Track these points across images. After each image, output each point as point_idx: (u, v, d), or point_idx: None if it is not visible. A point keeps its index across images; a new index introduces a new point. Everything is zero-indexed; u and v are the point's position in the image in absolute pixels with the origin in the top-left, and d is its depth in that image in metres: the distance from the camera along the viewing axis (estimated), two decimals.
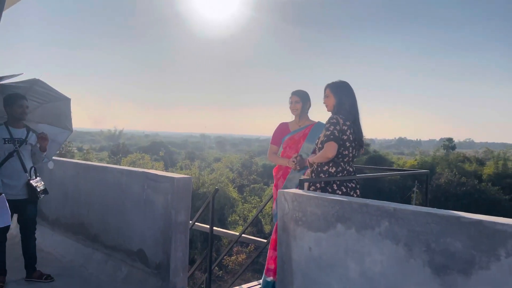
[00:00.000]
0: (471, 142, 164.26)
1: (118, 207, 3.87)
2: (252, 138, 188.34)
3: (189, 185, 3.35)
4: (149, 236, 3.49)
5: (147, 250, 3.50)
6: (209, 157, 48.44)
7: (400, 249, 1.92)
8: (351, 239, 2.12)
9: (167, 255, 3.29)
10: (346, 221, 2.14)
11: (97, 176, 4.19)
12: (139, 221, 3.60)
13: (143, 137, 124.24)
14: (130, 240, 3.70)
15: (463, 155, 46.99)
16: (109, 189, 3.98)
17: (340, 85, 3.08)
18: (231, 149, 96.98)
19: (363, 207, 2.07)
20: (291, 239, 2.41)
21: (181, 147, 79.82)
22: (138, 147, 60.74)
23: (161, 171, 3.59)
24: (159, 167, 31.19)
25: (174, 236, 3.26)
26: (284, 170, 3.60)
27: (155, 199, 3.42)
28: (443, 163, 41.95)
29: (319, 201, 2.26)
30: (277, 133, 3.74)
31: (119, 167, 4.02)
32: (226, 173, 31.49)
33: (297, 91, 3.65)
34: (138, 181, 3.61)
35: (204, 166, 34.27)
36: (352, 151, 2.95)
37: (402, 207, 1.93)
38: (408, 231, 1.89)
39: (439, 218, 1.80)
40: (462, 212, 1.78)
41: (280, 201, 2.49)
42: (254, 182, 37.42)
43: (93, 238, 4.17)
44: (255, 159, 42.36)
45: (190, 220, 3.49)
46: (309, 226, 2.31)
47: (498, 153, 44.94)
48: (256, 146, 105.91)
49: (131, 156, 34.16)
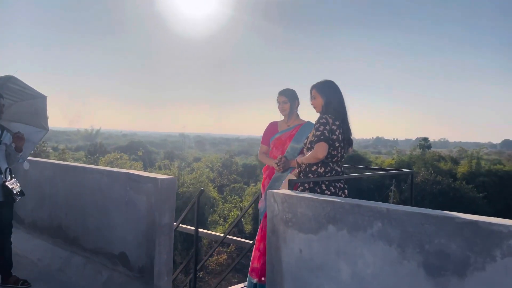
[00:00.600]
0: (446, 141, 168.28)
1: (98, 209, 3.74)
2: (231, 137, 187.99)
3: (173, 186, 3.26)
4: (131, 238, 3.38)
5: (130, 253, 3.39)
6: (188, 157, 48.02)
7: (393, 250, 1.90)
8: (343, 240, 2.08)
9: (150, 258, 3.19)
10: (338, 222, 2.10)
11: (76, 177, 4.04)
12: (121, 223, 3.49)
13: (120, 137, 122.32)
14: (111, 243, 3.58)
15: (439, 154, 48.07)
16: (89, 191, 3.84)
17: (326, 85, 3.04)
18: (210, 149, 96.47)
19: (355, 208, 2.04)
20: (280, 241, 2.36)
21: (160, 147, 78.91)
22: (116, 146, 59.69)
23: (144, 172, 3.49)
24: (138, 167, 30.70)
25: (158, 238, 3.16)
26: (270, 170, 3.56)
27: (137, 201, 3.32)
28: (419, 162, 42.76)
29: (310, 202, 2.22)
30: (266, 133, 3.71)
31: (100, 167, 3.89)
32: (206, 173, 31.25)
33: (284, 91, 3.60)
34: (120, 182, 3.49)
35: (184, 166, 33.92)
36: (341, 151, 2.92)
37: (395, 208, 1.91)
38: (401, 232, 1.87)
39: (433, 218, 1.77)
40: (456, 213, 1.77)
41: (270, 202, 2.43)
42: (234, 181, 37.30)
43: (71, 241, 4.02)
44: (235, 159, 42.25)
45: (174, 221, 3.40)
46: (300, 228, 2.26)
47: (472, 153, 46.14)
48: (236, 145, 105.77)
49: (109, 156, 33.49)
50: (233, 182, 37.32)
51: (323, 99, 2.99)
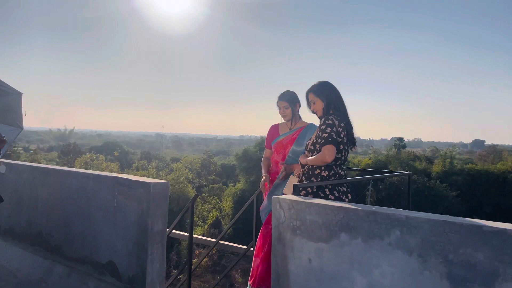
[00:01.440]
0: (419, 141, 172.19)
1: (83, 215, 3.52)
2: (209, 137, 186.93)
3: (166, 191, 3.08)
4: (120, 247, 3.18)
5: (119, 262, 3.20)
6: (166, 157, 47.28)
7: (413, 260, 1.80)
8: (356, 249, 1.97)
9: (142, 267, 3.01)
10: (351, 230, 1.99)
11: (58, 181, 3.80)
12: (108, 230, 3.28)
13: (95, 137, 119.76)
14: (97, 251, 3.37)
15: (414, 154, 49.04)
16: (73, 196, 3.62)
17: (322, 86, 2.93)
18: (188, 149, 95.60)
19: (370, 215, 1.93)
20: (287, 250, 2.23)
21: (136, 147, 77.60)
22: (91, 147, 58.23)
23: (134, 176, 3.30)
24: (115, 167, 29.99)
25: (150, 246, 2.98)
26: (272, 175, 3.44)
27: (127, 207, 3.12)
28: (395, 161, 43.49)
29: (320, 209, 2.10)
30: (268, 137, 3.60)
31: (85, 171, 3.66)
32: (185, 173, 30.79)
33: (284, 95, 3.46)
34: (107, 187, 3.29)
35: (162, 166, 33.37)
36: (344, 153, 2.82)
37: (415, 215, 1.81)
38: (422, 241, 1.77)
39: (457, 227, 1.68)
40: (484, 221, 1.68)
41: (275, 209, 2.30)
42: (213, 182, 36.98)
43: (53, 249, 3.78)
44: (213, 159, 41.86)
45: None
46: (309, 236, 2.14)
47: (445, 152, 47.23)
48: (214, 145, 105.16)
49: (84, 157, 32.57)
50: (211, 182, 36.98)
51: (323, 101, 2.89)
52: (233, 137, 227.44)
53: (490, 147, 64.87)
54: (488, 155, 54.95)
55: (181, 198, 25.28)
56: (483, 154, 58.66)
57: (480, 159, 53.08)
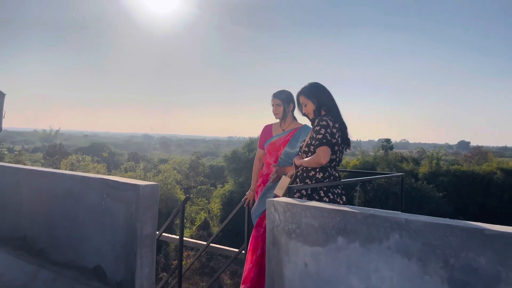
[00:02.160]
0: (406, 142, 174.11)
1: (69, 218, 3.40)
2: (198, 138, 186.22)
3: (156, 193, 3.00)
4: (108, 251, 3.08)
5: (106, 267, 3.10)
6: (153, 158, 46.90)
7: (413, 264, 1.75)
8: (354, 253, 1.92)
9: (131, 272, 2.91)
10: (349, 234, 1.93)
11: (43, 184, 3.68)
12: (96, 234, 3.18)
13: (81, 138, 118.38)
14: (84, 255, 3.26)
15: (401, 155, 49.54)
16: (59, 199, 3.50)
17: (312, 88, 2.88)
18: (176, 150, 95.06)
19: (368, 218, 1.88)
20: (282, 254, 2.17)
21: (123, 148, 76.88)
22: (77, 148, 57.41)
23: (123, 178, 3.20)
24: (102, 169, 29.61)
25: (139, 250, 2.89)
26: (264, 176, 3.36)
27: (116, 210, 3.03)
28: (383, 162, 43.88)
29: (317, 211, 2.04)
30: (261, 137, 3.53)
31: (71, 173, 3.55)
32: (173, 175, 30.56)
33: (278, 93, 3.40)
34: (95, 189, 3.19)
35: (149, 168, 33.06)
36: (339, 155, 2.77)
37: (415, 218, 1.76)
38: (422, 245, 1.72)
39: (459, 230, 1.64)
40: (486, 224, 1.64)
41: (270, 212, 2.23)
42: (201, 183, 36.80)
43: (38, 253, 3.66)
44: (202, 160, 41.67)
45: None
46: (305, 240, 2.08)
47: (432, 153, 47.78)
48: (202, 146, 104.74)
49: (70, 158, 32.08)
50: (200, 184, 36.81)
51: (314, 103, 2.84)
52: (221, 138, 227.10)
53: (475, 148, 65.83)
54: (473, 156, 55.80)
55: (169, 199, 25.08)
56: (468, 155, 59.56)
57: (466, 160, 53.87)
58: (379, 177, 3.46)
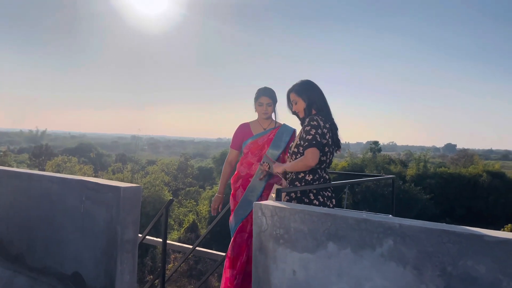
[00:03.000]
0: (394, 145, 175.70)
1: (47, 222, 3.24)
2: (186, 140, 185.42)
3: (138, 196, 2.86)
4: (88, 256, 2.93)
5: (85, 273, 2.94)
6: (141, 160, 46.44)
7: (407, 273, 1.65)
8: (346, 260, 1.81)
9: (111, 278, 2.77)
10: (340, 240, 1.83)
11: (19, 185, 3.51)
12: (74, 238, 3.02)
13: (68, 138, 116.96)
14: (62, 261, 3.11)
15: (389, 157, 49.94)
16: (36, 201, 3.34)
17: (304, 85, 2.77)
18: (164, 151, 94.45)
19: (361, 223, 1.77)
20: (269, 261, 2.05)
21: (111, 149, 76.03)
22: (64, 149, 56.54)
23: (103, 179, 3.05)
24: (88, 170, 29.16)
25: (120, 256, 2.74)
26: (243, 178, 3.20)
27: (96, 213, 2.88)
28: (371, 165, 44.19)
29: (306, 216, 1.93)
30: (238, 136, 3.32)
31: (49, 174, 3.39)
32: (161, 176, 30.24)
33: (267, 91, 3.23)
34: (74, 191, 3.04)
35: (137, 169, 32.69)
36: (329, 156, 2.66)
37: (410, 223, 1.66)
38: (418, 251, 1.62)
39: (457, 236, 1.54)
40: (486, 230, 1.55)
41: (257, 216, 2.12)
42: (189, 185, 36.53)
43: (14, 259, 3.48)
44: (190, 162, 41.39)
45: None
46: (293, 246, 1.97)
47: (419, 156, 48.23)
48: (191, 148, 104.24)
49: (56, 159, 31.52)
50: (188, 185, 36.54)
51: (305, 101, 2.73)
52: (210, 139, 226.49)
53: (461, 151, 66.67)
54: (460, 159, 56.48)
55: (156, 201, 24.80)
56: (455, 158, 60.28)
57: (452, 162, 54.50)
58: (370, 179, 3.36)
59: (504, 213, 35.51)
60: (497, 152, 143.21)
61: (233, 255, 3.09)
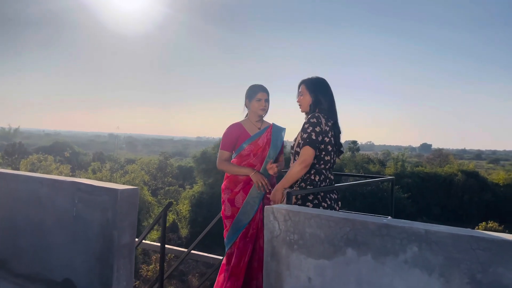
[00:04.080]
0: (372, 144, 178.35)
1: (35, 226, 3.07)
2: (165, 138, 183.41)
3: (135, 199, 2.73)
4: (80, 262, 2.78)
5: (78, 280, 2.79)
6: (120, 158, 45.55)
7: (434, 280, 1.59)
8: (366, 267, 1.74)
9: (106, 286, 2.63)
10: (360, 246, 1.76)
11: (4, 187, 3.31)
12: (66, 244, 2.86)
13: (43, 136, 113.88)
14: (52, 267, 2.94)
15: (367, 156, 50.58)
16: (23, 204, 3.15)
17: (316, 82, 2.71)
18: (143, 150, 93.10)
19: (382, 229, 1.71)
20: (282, 268, 1.97)
21: (87, 148, 74.42)
22: (38, 147, 54.89)
23: (98, 181, 2.90)
24: (65, 169, 28.35)
25: (116, 262, 2.61)
26: (244, 181, 3.06)
27: (89, 216, 2.73)
28: (350, 164, 44.61)
29: (323, 221, 1.85)
30: (231, 137, 3.11)
31: (38, 175, 3.21)
32: (141, 175, 29.71)
33: (263, 86, 3.10)
34: (65, 194, 2.87)
35: (116, 168, 32.00)
36: (333, 156, 2.59)
37: (436, 229, 1.60)
38: (444, 258, 1.57)
39: (487, 243, 1.49)
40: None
41: (269, 220, 2.03)
42: (169, 184, 36.07)
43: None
44: (170, 161, 40.86)
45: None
46: (309, 252, 1.89)
47: (397, 155, 49.04)
48: (170, 147, 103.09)
49: (31, 158, 30.52)
50: (168, 185, 36.07)
51: (312, 97, 2.66)
52: (190, 138, 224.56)
53: (436, 150, 68.16)
54: (435, 158, 57.76)
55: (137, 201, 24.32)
56: (430, 157, 61.59)
57: (428, 162, 55.64)
58: (370, 180, 3.32)
59: (478, 211, 36.52)
60: (470, 152, 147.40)
61: (233, 262, 2.96)
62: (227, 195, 3.11)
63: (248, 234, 2.97)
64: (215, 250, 21.79)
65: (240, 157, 3.09)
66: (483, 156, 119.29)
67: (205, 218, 26.44)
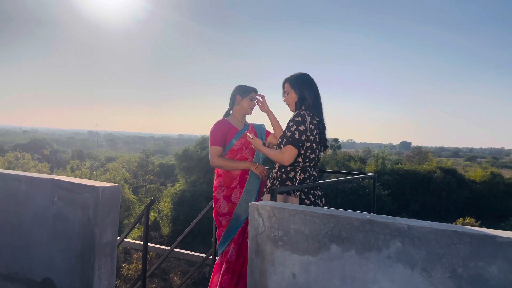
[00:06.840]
0: (353, 142, 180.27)
1: (12, 224, 2.99)
2: (146, 136, 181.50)
3: (117, 196, 2.68)
4: (60, 261, 2.72)
5: (58, 280, 2.74)
6: (100, 156, 44.82)
7: (416, 275, 1.61)
8: (350, 263, 1.76)
9: (87, 285, 2.58)
10: (344, 241, 1.77)
11: None
12: (45, 242, 2.80)
13: (20, 134, 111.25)
14: (31, 266, 2.88)
15: (349, 154, 51.11)
16: (0, 202, 3.07)
17: (300, 78, 2.71)
18: (123, 148, 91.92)
19: (366, 224, 1.72)
20: (267, 264, 1.97)
21: (66, 145, 73.02)
22: (15, 144, 53.55)
23: (78, 179, 2.84)
24: (44, 167, 27.73)
25: (97, 260, 2.56)
26: (240, 176, 3.07)
27: (70, 214, 2.68)
28: (332, 161, 45.03)
29: (307, 217, 1.86)
30: (220, 132, 3.10)
31: (16, 172, 3.13)
32: (122, 173, 29.30)
33: (254, 88, 3.18)
34: (45, 191, 2.81)
35: (96, 166, 31.46)
36: (318, 154, 2.61)
37: (419, 224, 1.63)
38: (426, 253, 1.59)
39: (468, 237, 1.52)
40: (497, 231, 1.54)
41: (253, 217, 2.02)
42: (150, 182, 35.72)
43: None
44: (151, 158, 40.44)
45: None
46: (293, 248, 1.89)
47: (378, 153, 49.74)
48: (151, 144, 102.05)
49: (8, 155, 29.71)
50: (149, 182, 35.72)
51: (297, 94, 2.67)
52: (171, 135, 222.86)
53: (416, 148, 69.26)
54: (415, 156, 58.76)
55: (119, 199, 24.00)
56: (410, 155, 62.63)
57: (408, 159, 56.60)
58: (351, 177, 3.35)
59: (456, 207, 37.40)
60: (448, 150, 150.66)
61: (233, 258, 2.96)
62: (222, 193, 3.09)
63: (246, 229, 2.98)
64: (197, 248, 21.77)
65: (231, 152, 3.09)
66: (461, 153, 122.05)
67: (187, 216, 26.29)
